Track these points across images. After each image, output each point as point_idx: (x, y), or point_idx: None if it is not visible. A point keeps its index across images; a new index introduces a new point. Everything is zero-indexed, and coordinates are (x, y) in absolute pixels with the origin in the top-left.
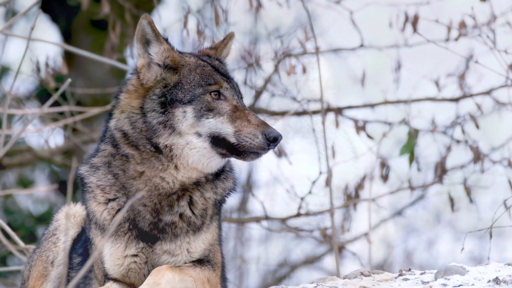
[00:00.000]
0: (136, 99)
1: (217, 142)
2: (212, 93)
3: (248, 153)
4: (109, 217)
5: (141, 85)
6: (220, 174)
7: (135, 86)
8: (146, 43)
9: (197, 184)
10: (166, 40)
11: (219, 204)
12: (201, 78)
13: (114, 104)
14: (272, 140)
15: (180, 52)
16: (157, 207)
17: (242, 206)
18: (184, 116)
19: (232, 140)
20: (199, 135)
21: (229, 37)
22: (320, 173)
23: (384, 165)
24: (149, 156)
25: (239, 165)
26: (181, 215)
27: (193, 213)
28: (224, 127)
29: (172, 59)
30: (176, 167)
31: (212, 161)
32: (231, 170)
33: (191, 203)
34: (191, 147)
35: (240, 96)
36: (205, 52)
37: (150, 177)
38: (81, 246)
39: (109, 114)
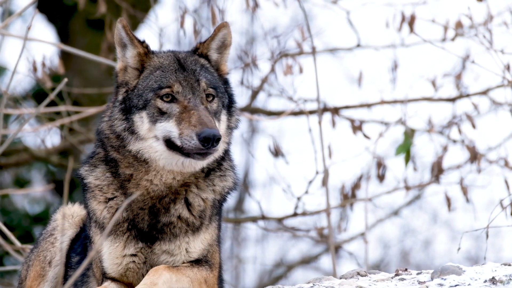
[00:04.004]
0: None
1: (170, 144)
2: (164, 97)
3: (193, 155)
4: (108, 216)
5: None
6: (216, 171)
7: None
8: (124, 46)
9: (187, 185)
10: (142, 43)
11: (218, 204)
12: (155, 81)
13: (106, 106)
14: (204, 140)
15: (153, 53)
16: (154, 209)
17: (239, 205)
18: (142, 122)
19: (178, 142)
20: (157, 138)
21: (217, 29)
22: (317, 172)
23: (380, 165)
24: (132, 160)
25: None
26: (179, 216)
27: (191, 213)
28: (172, 130)
29: (143, 62)
30: (155, 170)
31: (184, 162)
32: (232, 167)
33: (188, 204)
34: (154, 150)
35: (196, 93)
36: (196, 46)
37: (138, 180)
38: (80, 244)
39: (101, 117)
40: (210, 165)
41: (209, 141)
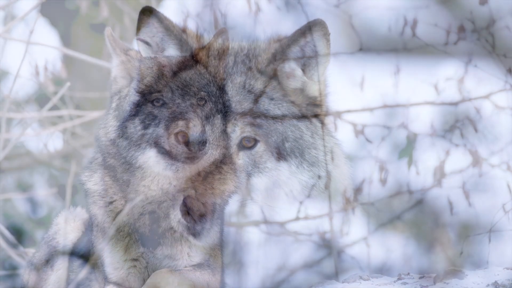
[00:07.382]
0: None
1: (161, 149)
2: (154, 101)
3: (181, 159)
4: (109, 220)
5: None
6: (214, 175)
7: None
8: (112, 55)
9: (184, 190)
10: (126, 51)
11: (219, 207)
12: (146, 87)
13: (103, 114)
14: (190, 144)
15: (143, 60)
16: (154, 214)
17: (241, 209)
18: (135, 127)
19: (166, 147)
20: (149, 144)
21: (216, 36)
22: (319, 177)
23: (383, 168)
24: (128, 166)
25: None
26: (179, 221)
27: (192, 218)
28: (161, 135)
29: (128, 71)
30: (150, 175)
31: (178, 166)
32: (234, 171)
33: (188, 209)
34: (147, 156)
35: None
36: (194, 52)
37: (136, 186)
38: (82, 248)
39: (99, 123)
40: (206, 169)
41: (195, 144)
